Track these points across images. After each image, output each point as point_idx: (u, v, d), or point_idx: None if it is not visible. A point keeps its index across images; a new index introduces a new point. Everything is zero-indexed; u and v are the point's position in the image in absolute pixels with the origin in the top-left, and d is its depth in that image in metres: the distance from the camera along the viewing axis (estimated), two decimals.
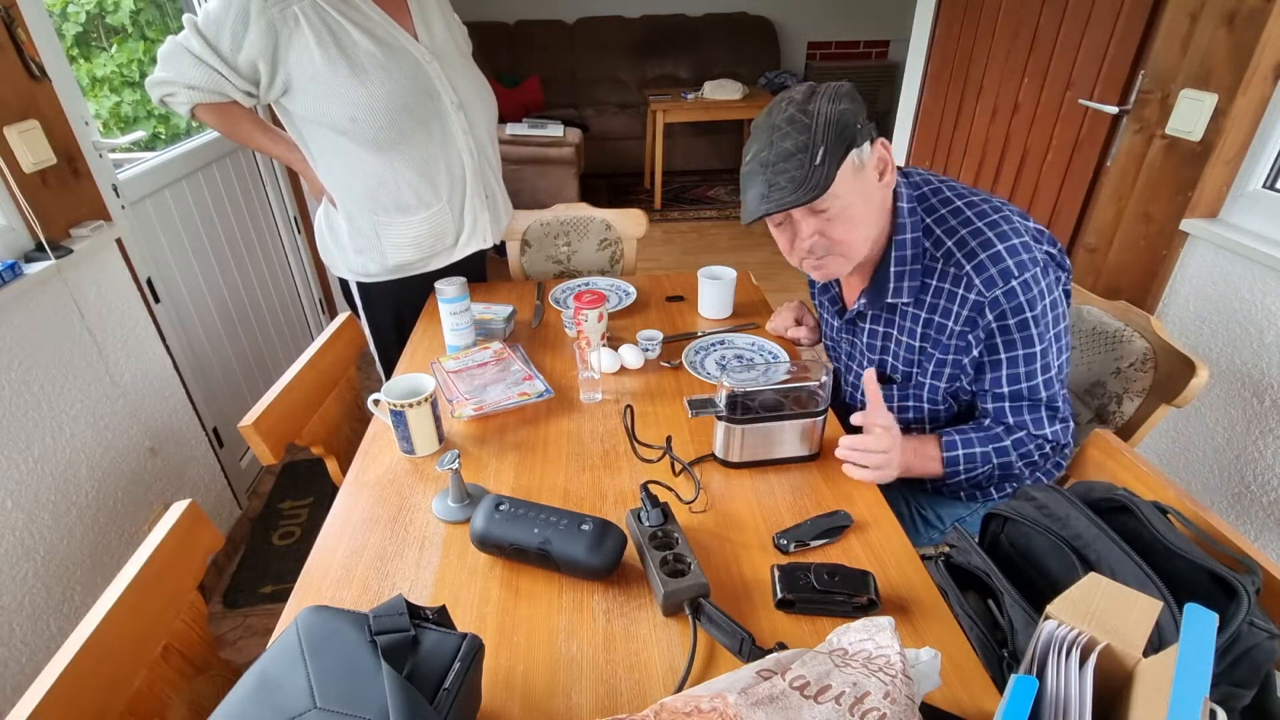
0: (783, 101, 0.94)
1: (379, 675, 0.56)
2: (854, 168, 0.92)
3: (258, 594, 1.83)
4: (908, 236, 1.01)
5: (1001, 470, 1.08)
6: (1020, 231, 0.96)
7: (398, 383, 1.08)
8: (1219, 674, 0.69)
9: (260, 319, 2.37)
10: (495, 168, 1.61)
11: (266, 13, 1.25)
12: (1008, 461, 1.06)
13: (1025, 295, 0.95)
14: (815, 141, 0.89)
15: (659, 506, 0.89)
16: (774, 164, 0.91)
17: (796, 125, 0.90)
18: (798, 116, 0.90)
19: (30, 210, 1.37)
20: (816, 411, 1.00)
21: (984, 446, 1.05)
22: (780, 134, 0.91)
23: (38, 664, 1.35)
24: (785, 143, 0.90)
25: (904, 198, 1.01)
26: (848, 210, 0.94)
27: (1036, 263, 0.95)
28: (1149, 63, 1.69)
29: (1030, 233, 0.99)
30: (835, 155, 0.89)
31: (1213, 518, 0.83)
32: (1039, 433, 1.05)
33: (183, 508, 0.88)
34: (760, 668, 0.60)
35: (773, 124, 0.92)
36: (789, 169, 0.90)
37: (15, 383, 1.33)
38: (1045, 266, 0.97)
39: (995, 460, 1.05)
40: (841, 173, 0.91)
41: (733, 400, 0.99)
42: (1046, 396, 1.03)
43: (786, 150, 0.90)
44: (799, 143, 0.89)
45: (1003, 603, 0.82)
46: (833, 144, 0.89)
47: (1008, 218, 0.98)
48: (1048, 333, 0.99)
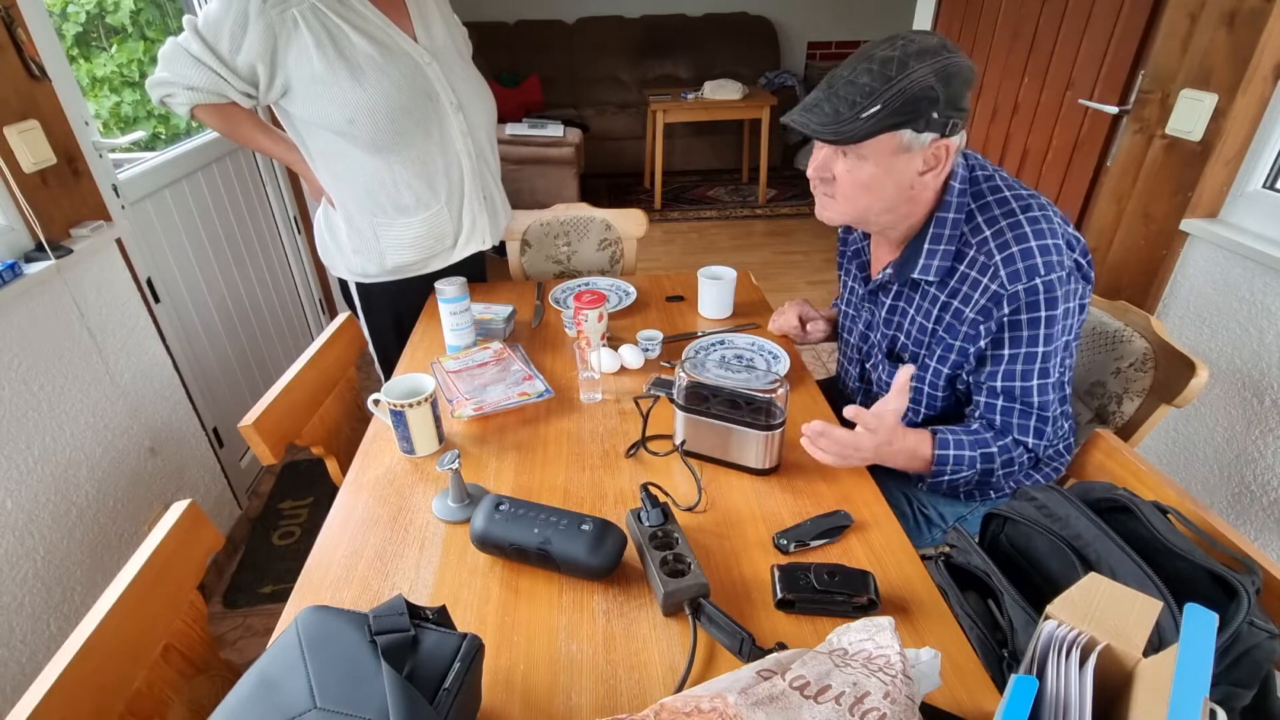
0: (899, 40, 0.89)
1: (379, 675, 0.56)
2: (900, 144, 0.90)
3: (258, 594, 1.83)
4: (950, 216, 0.99)
5: (982, 477, 1.07)
6: (1057, 233, 0.96)
7: (398, 383, 1.08)
8: (1219, 674, 0.69)
9: (260, 319, 2.37)
10: (494, 169, 1.61)
11: (265, 15, 1.25)
12: (990, 469, 1.05)
13: (1045, 295, 0.94)
14: (881, 94, 0.86)
15: (659, 506, 0.89)
16: (835, 88, 0.89)
17: (884, 68, 0.86)
18: (892, 60, 0.86)
19: (30, 210, 1.37)
20: (771, 425, 0.98)
21: (972, 450, 1.04)
22: (864, 68, 0.88)
23: (38, 664, 1.35)
24: (862, 77, 0.87)
25: (958, 177, 0.99)
26: (865, 177, 0.93)
27: (1064, 266, 0.95)
28: (1149, 63, 1.69)
29: (1067, 237, 0.97)
30: (886, 120, 0.87)
31: (1213, 518, 0.83)
32: (1022, 439, 1.04)
33: (183, 508, 0.88)
34: (760, 668, 0.60)
35: (869, 54, 0.88)
36: (840, 101, 0.88)
37: (15, 383, 1.33)
38: (1070, 274, 0.96)
39: (979, 466, 1.04)
40: (882, 140, 0.89)
41: (688, 389, 1.01)
42: (1039, 403, 1.02)
43: (854, 84, 0.88)
44: (869, 87, 0.87)
45: (1003, 603, 0.82)
46: (893, 109, 0.86)
47: (1049, 217, 0.97)
48: (1056, 339, 0.98)
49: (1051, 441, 1.07)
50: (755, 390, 0.98)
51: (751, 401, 0.98)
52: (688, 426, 1.04)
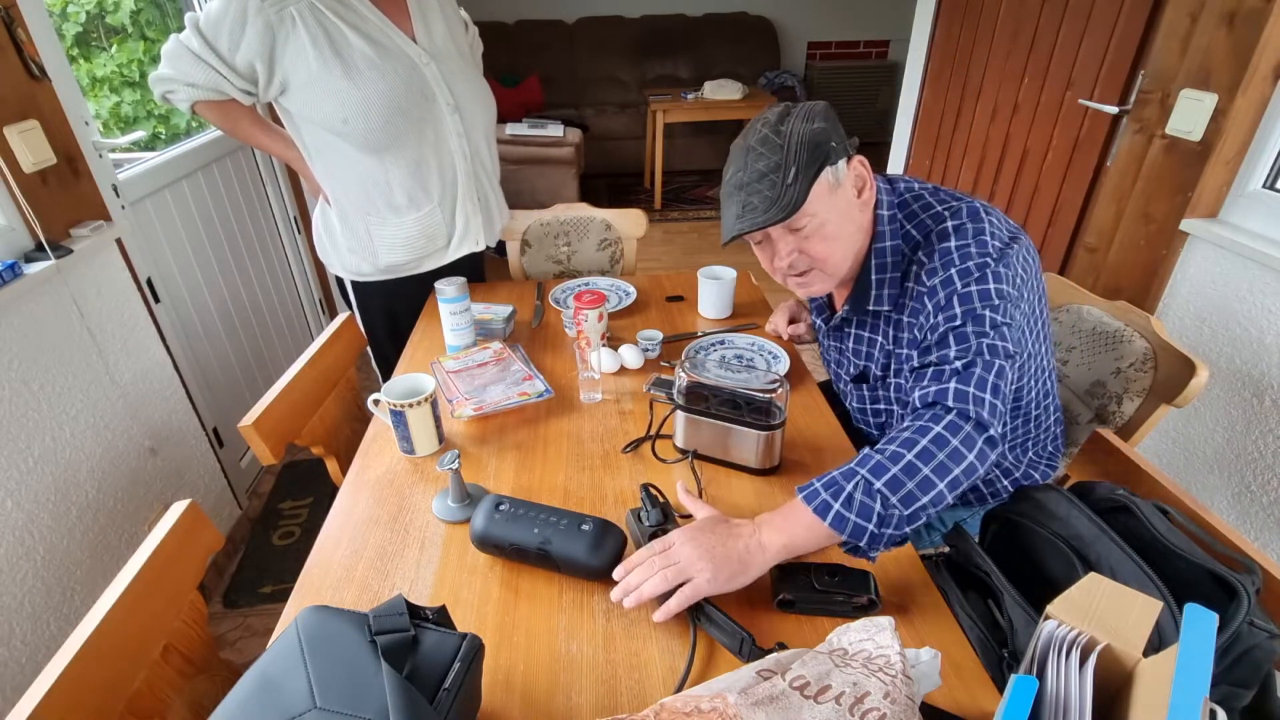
0: (758, 123, 0.95)
1: (379, 675, 0.56)
2: (829, 185, 0.93)
3: (258, 594, 1.83)
4: (887, 244, 1.00)
5: (937, 474, 0.81)
6: (983, 230, 0.93)
7: (398, 383, 1.08)
8: (1219, 674, 0.69)
9: (260, 319, 2.37)
10: (490, 171, 1.61)
11: (264, 13, 1.26)
12: (931, 454, 0.81)
13: (977, 287, 0.90)
14: (787, 161, 0.90)
15: (659, 506, 0.89)
16: (748, 184, 0.92)
17: (769, 146, 0.92)
18: (770, 137, 0.92)
19: (30, 210, 1.37)
20: (770, 425, 0.98)
21: (852, 466, 0.83)
22: (754, 155, 0.93)
23: (38, 664, 1.35)
24: (759, 164, 0.92)
25: (884, 204, 1.00)
26: (824, 227, 0.95)
27: (997, 253, 0.91)
28: (1149, 63, 1.69)
29: (995, 229, 0.94)
30: (808, 174, 0.90)
31: (1213, 518, 0.83)
32: (958, 404, 0.86)
33: (183, 508, 0.88)
34: (760, 668, 0.60)
35: (747, 145, 0.94)
36: (762, 189, 0.91)
37: (15, 383, 1.33)
38: (1002, 258, 0.91)
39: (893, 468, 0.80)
40: (816, 191, 0.91)
41: (688, 389, 1.01)
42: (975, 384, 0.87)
43: (760, 171, 0.92)
44: (771, 163, 0.91)
45: (1003, 603, 0.82)
46: (805, 163, 0.90)
47: (975, 211, 0.95)
48: (985, 325, 0.88)
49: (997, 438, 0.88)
50: (755, 390, 0.98)
51: (751, 401, 0.98)
52: (687, 426, 1.04)
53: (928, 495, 0.79)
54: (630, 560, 0.81)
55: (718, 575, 0.76)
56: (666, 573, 0.76)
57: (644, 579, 0.77)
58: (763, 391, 0.98)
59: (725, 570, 0.77)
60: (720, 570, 0.76)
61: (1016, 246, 0.94)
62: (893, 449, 0.81)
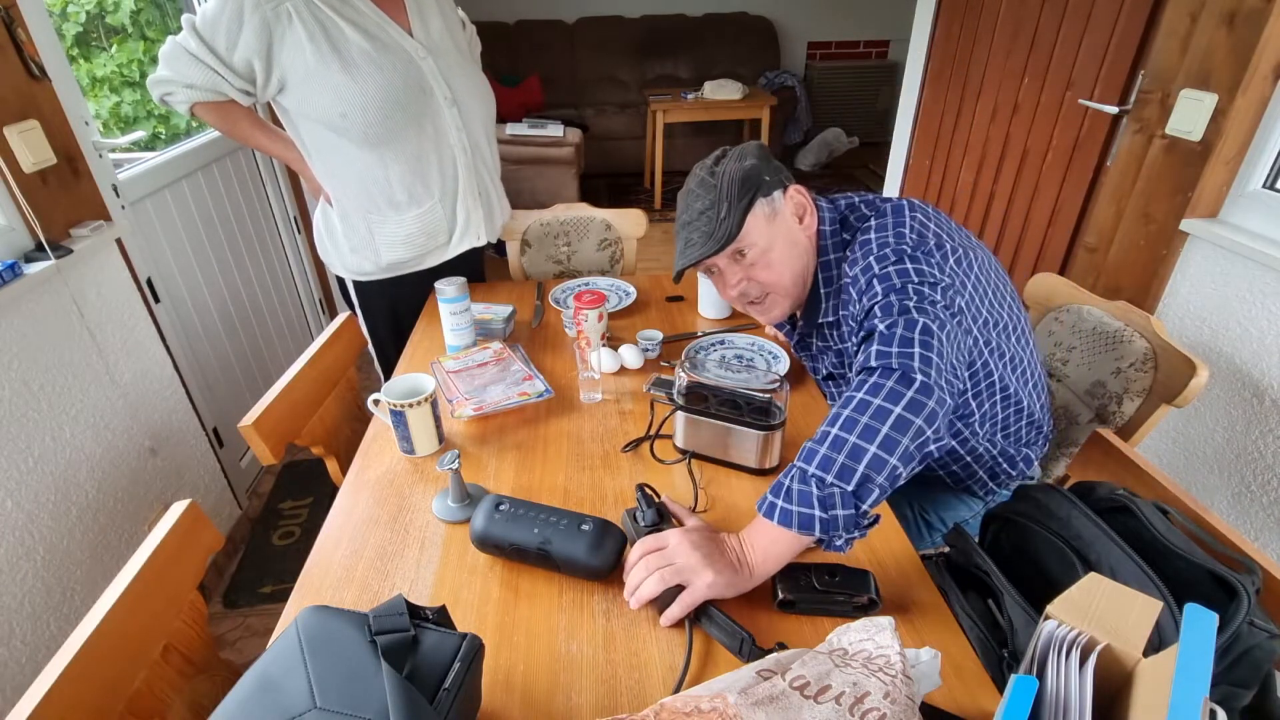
0: (697, 168, 1.05)
1: (379, 675, 0.56)
2: (766, 215, 1.01)
3: (258, 594, 1.83)
4: (830, 258, 1.06)
5: (896, 455, 0.76)
6: (904, 223, 0.95)
7: (398, 383, 1.09)
8: (1219, 674, 0.69)
9: (260, 319, 2.37)
10: (490, 165, 1.61)
11: (260, 10, 1.26)
12: (854, 421, 0.77)
13: (880, 265, 0.91)
14: (720, 198, 0.99)
15: (654, 506, 0.89)
16: (690, 223, 1.03)
17: (705, 187, 1.01)
18: (706, 179, 1.02)
19: (30, 210, 1.37)
20: (770, 425, 0.98)
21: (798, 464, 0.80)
22: (693, 196, 1.03)
23: (38, 664, 1.35)
24: (696, 204, 1.02)
25: (826, 222, 1.06)
26: (768, 254, 1.03)
27: (905, 243, 0.92)
28: (1149, 63, 1.69)
29: (926, 229, 0.94)
30: (740, 207, 0.99)
31: (1213, 518, 0.83)
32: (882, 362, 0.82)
33: (183, 508, 0.88)
34: (760, 668, 0.60)
35: (688, 189, 1.04)
36: (700, 225, 1.01)
37: (15, 383, 1.33)
38: (922, 248, 0.91)
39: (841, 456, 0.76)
40: (753, 221, 1.00)
41: (688, 389, 1.02)
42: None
43: (698, 210, 1.01)
44: (707, 202, 1.01)
45: (1003, 603, 0.82)
46: (736, 198, 0.99)
47: (899, 208, 0.99)
48: (908, 295, 0.87)
49: None
50: (755, 390, 0.98)
51: (751, 401, 0.98)
52: (687, 426, 1.04)
53: (861, 463, 0.74)
54: (628, 561, 0.82)
55: (716, 580, 0.77)
56: (664, 573, 0.77)
57: (641, 579, 0.78)
58: (763, 391, 0.98)
59: (723, 576, 0.77)
60: (719, 575, 0.77)
61: (941, 252, 0.92)
62: (822, 429, 0.79)
